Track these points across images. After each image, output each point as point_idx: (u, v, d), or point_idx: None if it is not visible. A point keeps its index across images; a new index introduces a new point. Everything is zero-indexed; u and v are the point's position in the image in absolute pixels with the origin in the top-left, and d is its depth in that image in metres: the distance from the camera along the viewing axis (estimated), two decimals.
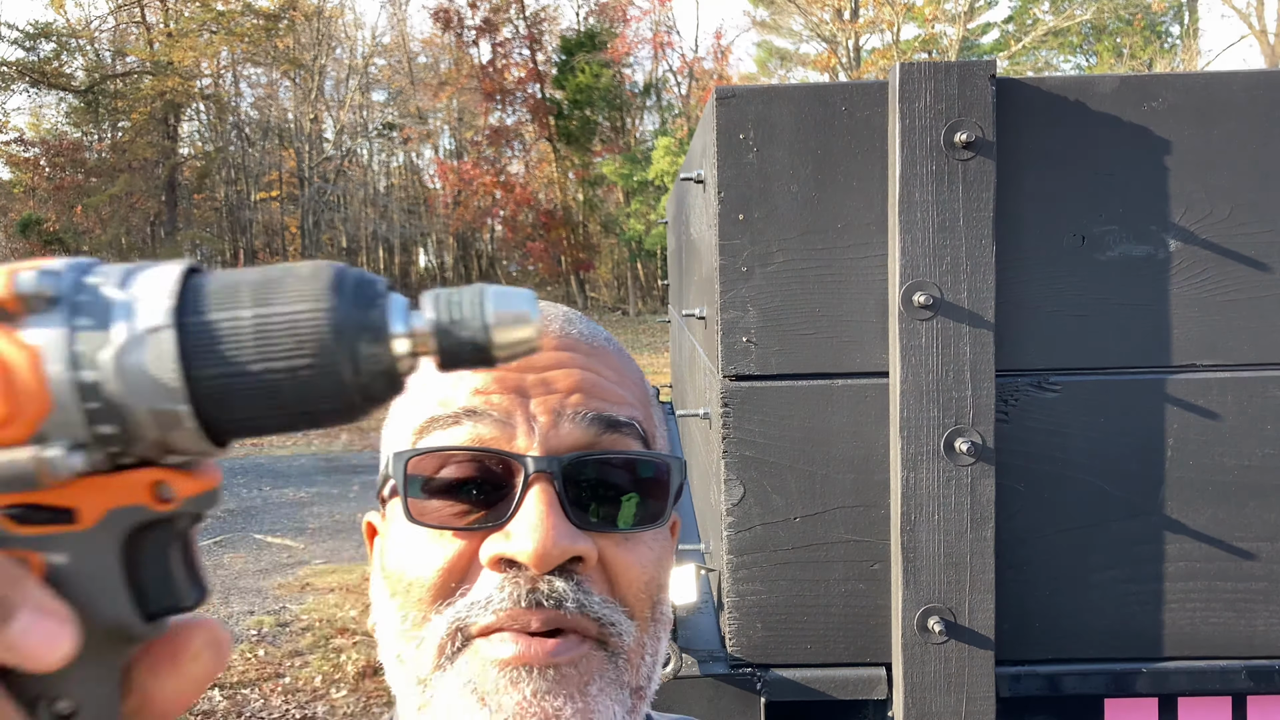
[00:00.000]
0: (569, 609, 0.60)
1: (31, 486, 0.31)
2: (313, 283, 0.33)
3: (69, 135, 32.06)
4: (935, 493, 1.37)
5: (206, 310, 0.32)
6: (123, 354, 0.31)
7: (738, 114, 1.41)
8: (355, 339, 0.32)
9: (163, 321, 0.31)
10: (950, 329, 1.36)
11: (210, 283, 0.33)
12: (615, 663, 0.63)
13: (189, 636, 0.36)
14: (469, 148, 37.99)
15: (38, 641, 0.31)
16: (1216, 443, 1.40)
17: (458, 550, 0.62)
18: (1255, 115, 1.38)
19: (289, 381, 0.32)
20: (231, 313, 0.32)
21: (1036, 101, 1.38)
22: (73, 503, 0.33)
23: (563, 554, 0.60)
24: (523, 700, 0.59)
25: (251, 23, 31.68)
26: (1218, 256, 1.39)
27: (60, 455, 0.31)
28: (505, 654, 0.60)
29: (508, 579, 0.60)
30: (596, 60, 32.82)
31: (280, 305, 0.32)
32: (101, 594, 0.33)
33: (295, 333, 0.32)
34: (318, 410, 0.33)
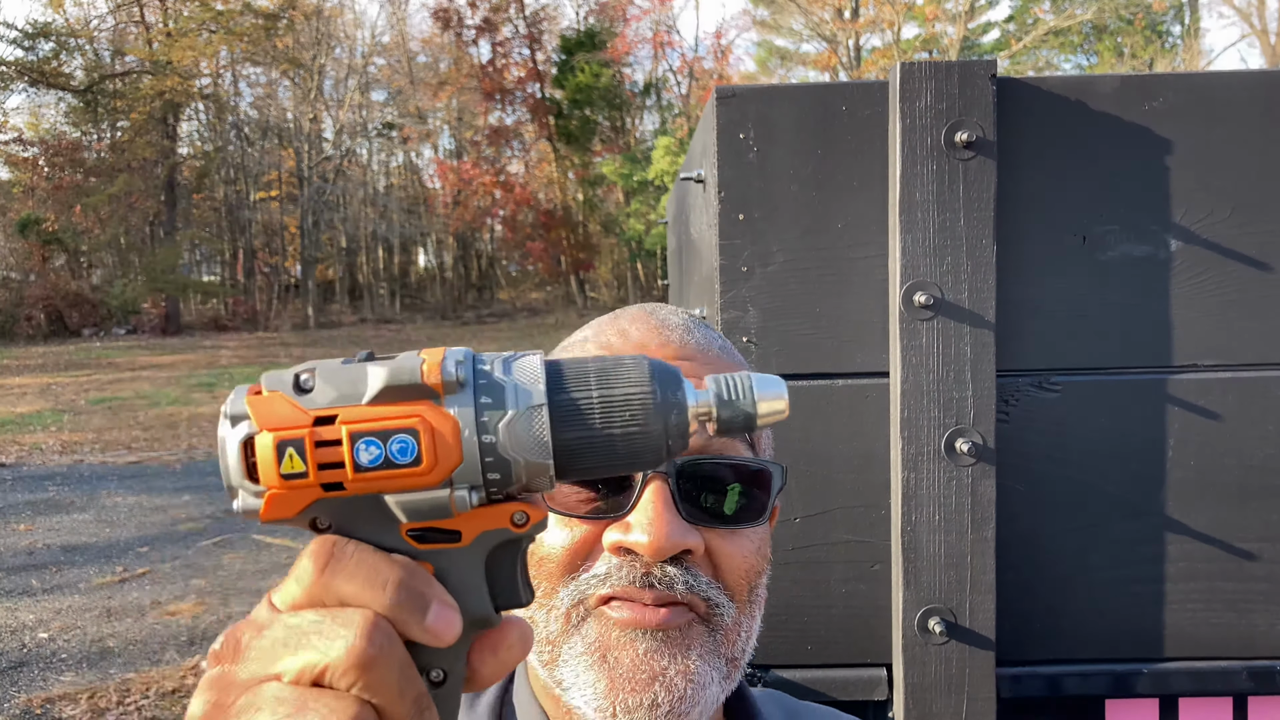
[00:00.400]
0: (679, 591, 0.70)
1: (442, 516, 0.44)
2: (638, 371, 0.47)
3: (68, 135, 32.03)
4: (936, 493, 1.36)
5: (567, 391, 0.45)
6: (513, 423, 0.44)
7: (738, 114, 1.40)
8: (668, 412, 0.47)
9: (541, 401, 0.44)
10: (951, 329, 1.35)
11: (564, 368, 0.46)
12: (714, 636, 0.73)
13: (508, 630, 0.47)
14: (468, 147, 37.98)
15: (443, 626, 0.43)
16: (1217, 443, 1.40)
17: (583, 534, 0.72)
18: (1256, 115, 1.38)
19: (623, 442, 0.46)
20: (584, 393, 0.46)
21: (1037, 101, 1.38)
22: (459, 527, 0.45)
23: (674, 548, 0.70)
24: (636, 657, 0.70)
25: (251, 22, 31.67)
26: (1218, 256, 1.39)
27: (465, 495, 0.44)
28: (623, 616, 0.70)
29: (625, 562, 0.71)
30: (596, 60, 32.81)
31: (619, 388, 0.46)
32: (471, 594, 0.45)
33: (629, 408, 0.46)
34: (637, 462, 0.47)
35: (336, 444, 0.42)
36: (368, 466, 0.42)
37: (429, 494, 0.43)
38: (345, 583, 0.43)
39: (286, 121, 35.22)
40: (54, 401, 14.89)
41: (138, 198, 31.14)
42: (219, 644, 0.44)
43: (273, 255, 36.20)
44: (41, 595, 5.95)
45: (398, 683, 0.42)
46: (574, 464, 0.46)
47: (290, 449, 0.42)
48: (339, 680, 0.41)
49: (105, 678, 4.72)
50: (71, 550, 6.93)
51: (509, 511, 0.46)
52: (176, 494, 8.72)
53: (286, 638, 0.42)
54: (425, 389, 0.43)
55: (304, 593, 0.43)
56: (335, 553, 0.43)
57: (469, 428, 0.43)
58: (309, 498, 0.43)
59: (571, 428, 0.45)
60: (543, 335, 26.83)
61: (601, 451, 0.46)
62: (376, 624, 0.41)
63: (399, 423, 0.42)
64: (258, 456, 0.42)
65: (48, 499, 8.56)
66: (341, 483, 0.43)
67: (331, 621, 0.42)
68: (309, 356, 21.74)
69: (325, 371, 0.44)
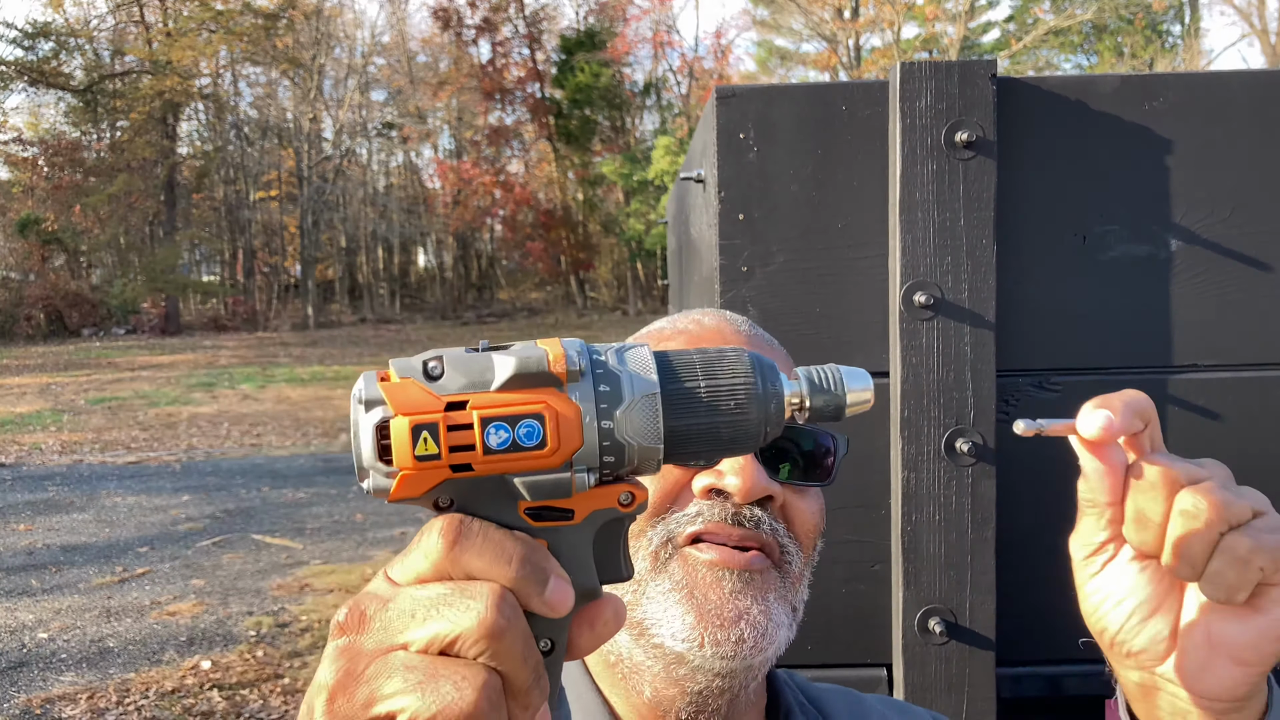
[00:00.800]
0: (764, 530, 0.78)
1: (562, 496, 0.47)
2: (741, 363, 0.51)
3: (67, 135, 32.02)
4: (936, 493, 1.36)
5: (677, 381, 0.49)
6: (629, 410, 0.47)
7: (738, 113, 1.40)
8: (768, 401, 0.51)
9: (655, 390, 0.48)
10: (951, 329, 1.35)
11: (672, 359, 0.50)
12: (785, 582, 0.80)
13: (604, 605, 0.50)
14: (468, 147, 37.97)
15: (559, 598, 0.46)
16: (1218, 443, 1.40)
17: (674, 479, 0.80)
18: (1256, 115, 1.38)
19: (727, 429, 0.50)
20: (693, 382, 0.49)
21: (1037, 101, 1.38)
22: (572, 506, 0.48)
23: (761, 491, 0.78)
24: (722, 595, 0.76)
25: (250, 22, 31.66)
26: (1218, 256, 1.39)
27: (584, 477, 0.47)
28: (711, 556, 0.77)
29: (716, 503, 0.78)
30: (596, 60, 32.80)
31: (724, 378, 0.50)
32: (580, 569, 0.49)
33: (734, 396, 0.50)
34: (737, 448, 0.51)
35: (468, 428, 0.45)
36: (496, 449, 0.45)
37: (552, 475, 0.47)
38: (474, 558, 0.45)
39: (286, 121, 35.21)
40: (54, 401, 14.89)
41: (137, 197, 31.13)
42: (343, 616, 0.47)
43: (272, 255, 36.20)
44: (41, 595, 5.95)
45: (522, 651, 0.45)
46: (681, 449, 0.50)
47: (425, 432, 0.45)
48: (469, 649, 0.44)
49: (105, 678, 4.72)
50: (71, 550, 6.93)
51: (617, 492, 0.49)
52: (176, 494, 8.72)
53: (414, 609, 0.45)
54: (550, 377, 0.46)
55: (432, 567, 0.46)
56: (463, 530, 0.46)
57: (590, 414, 0.47)
58: (438, 478, 0.46)
59: (682, 415, 0.49)
60: (542, 335, 26.77)
61: (707, 437, 0.50)
62: (504, 596, 0.44)
63: (526, 408, 0.46)
64: (392, 439, 0.45)
65: (47, 499, 8.56)
66: (470, 464, 0.46)
67: (461, 594, 0.44)
68: (309, 356, 21.74)
69: (452, 360, 0.47)
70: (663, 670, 0.78)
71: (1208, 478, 0.61)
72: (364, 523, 7.62)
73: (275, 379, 17.63)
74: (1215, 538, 0.58)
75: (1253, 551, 0.57)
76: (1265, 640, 0.60)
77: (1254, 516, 0.59)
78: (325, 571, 6.32)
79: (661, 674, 0.79)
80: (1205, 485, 0.60)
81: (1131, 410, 0.63)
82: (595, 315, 33.22)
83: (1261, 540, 0.57)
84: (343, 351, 23.06)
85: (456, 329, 30.12)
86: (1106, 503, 0.64)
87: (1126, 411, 0.63)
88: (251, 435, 12.00)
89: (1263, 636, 0.60)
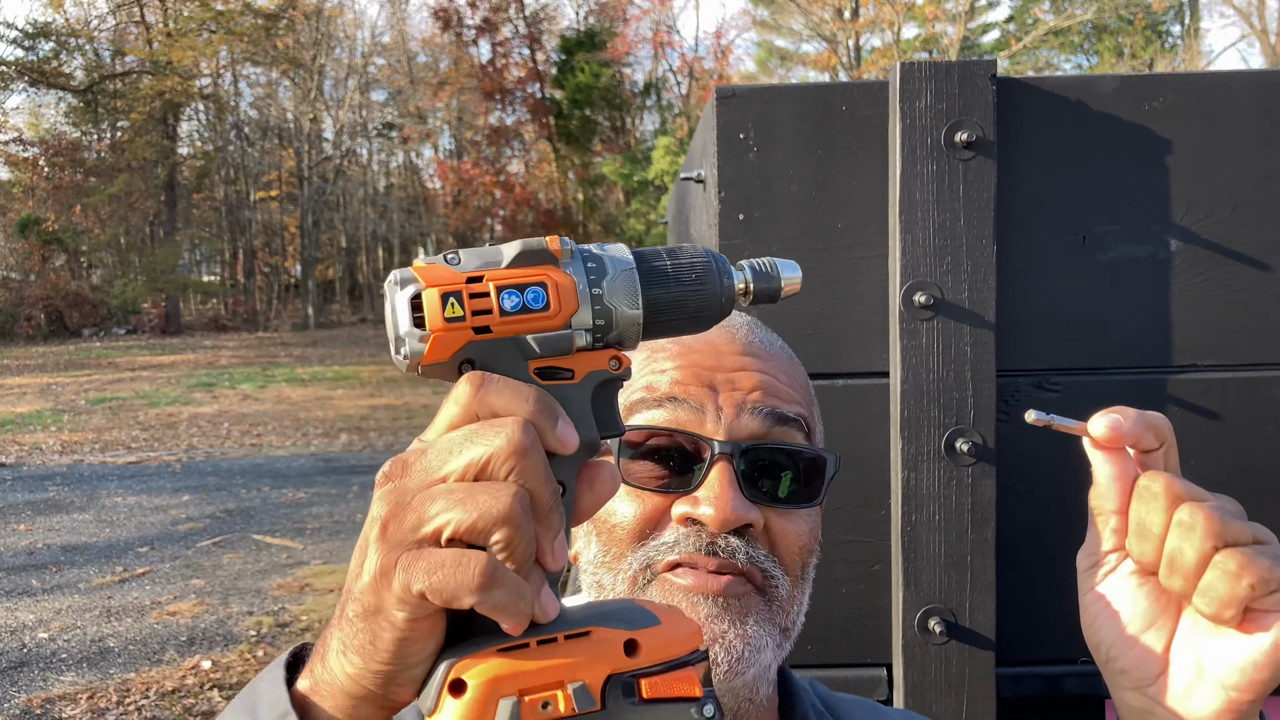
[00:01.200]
0: (740, 560, 0.78)
1: (565, 353, 0.55)
2: (697, 250, 0.60)
3: (68, 135, 32.02)
4: (936, 493, 1.36)
5: (648, 260, 0.59)
6: (613, 281, 0.57)
7: (738, 114, 1.40)
8: (721, 277, 0.60)
9: (632, 265, 0.58)
10: (951, 329, 1.35)
11: (644, 249, 0.59)
12: (770, 606, 0.80)
13: (601, 468, 0.57)
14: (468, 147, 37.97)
15: (569, 434, 0.53)
16: (1217, 443, 1.40)
17: (654, 505, 0.80)
18: (1256, 115, 1.38)
19: (694, 298, 0.59)
20: (661, 261, 0.59)
21: (1037, 101, 1.38)
22: (572, 366, 0.56)
23: (738, 520, 0.77)
24: (697, 619, 0.76)
25: (251, 22, 31.65)
26: (1218, 256, 1.39)
27: (583, 335, 0.56)
28: (687, 582, 0.77)
29: (692, 532, 0.78)
30: (596, 60, 32.79)
31: (685, 259, 0.59)
32: (582, 421, 0.56)
33: (694, 270, 0.59)
34: (702, 318, 0.60)
35: (486, 295, 0.54)
36: (510, 311, 0.54)
37: (556, 334, 0.55)
38: (496, 397, 0.52)
39: (286, 121, 35.21)
40: (54, 401, 14.89)
41: (138, 197, 31.13)
42: (387, 467, 0.53)
43: (273, 255, 36.19)
44: (41, 595, 5.95)
45: (544, 473, 0.51)
46: (657, 317, 0.58)
47: (451, 298, 0.53)
48: (500, 469, 0.50)
49: (105, 678, 4.72)
50: (71, 550, 6.93)
51: (608, 356, 0.58)
52: (176, 494, 8.72)
53: (450, 446, 0.51)
54: (549, 255, 0.56)
55: (462, 410, 0.52)
56: (485, 378, 0.53)
57: (582, 282, 0.56)
58: (463, 340, 0.53)
59: (654, 286, 0.58)
60: None
61: (677, 306, 0.58)
62: (526, 425, 0.51)
63: (532, 278, 0.55)
64: (425, 306, 0.53)
65: (48, 499, 8.56)
66: (489, 326, 0.54)
67: (490, 426, 0.51)
68: (309, 356, 21.74)
69: (468, 250, 0.56)
70: None
71: (1211, 498, 0.63)
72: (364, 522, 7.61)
73: (275, 379, 17.63)
74: (1209, 551, 0.60)
75: (1244, 567, 0.58)
76: (1253, 666, 0.60)
77: (1254, 543, 0.60)
78: (325, 571, 6.32)
79: None
80: (1207, 503, 0.62)
81: (1145, 423, 0.65)
82: None
83: (1255, 560, 0.59)
84: (343, 351, 23.05)
85: None
86: (1113, 510, 0.65)
87: (1139, 422, 0.65)
88: (251, 435, 12.00)
89: (1251, 662, 0.60)
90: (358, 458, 10.47)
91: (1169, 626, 0.64)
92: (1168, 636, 0.64)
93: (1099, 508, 0.66)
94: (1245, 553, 0.59)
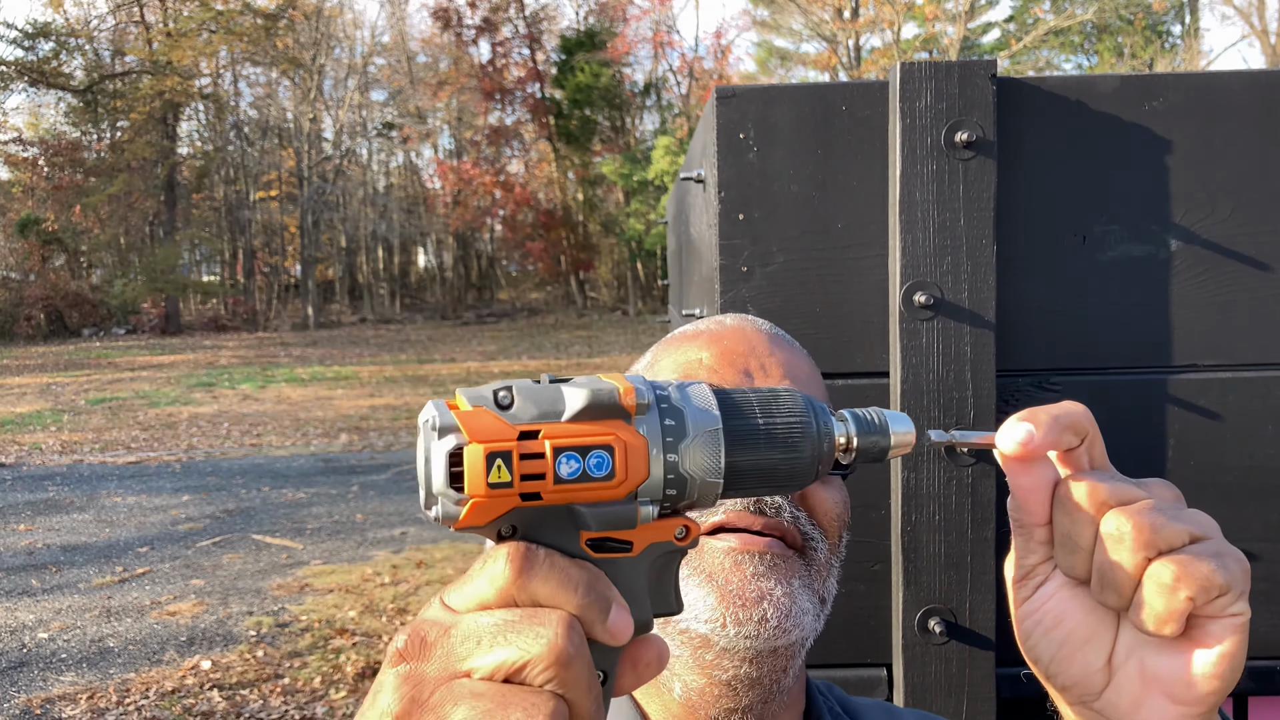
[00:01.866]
0: (785, 518, 0.78)
1: (626, 527, 0.48)
2: (794, 402, 0.53)
3: (68, 135, 32.02)
4: (936, 493, 1.36)
5: (736, 417, 0.51)
6: (693, 444, 0.49)
7: (738, 113, 1.40)
8: (821, 441, 0.53)
9: (718, 425, 0.49)
10: (951, 329, 1.35)
11: (732, 396, 0.52)
12: (810, 570, 0.80)
13: (648, 646, 0.51)
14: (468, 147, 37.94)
15: (621, 627, 0.47)
16: (1218, 443, 1.40)
17: None
18: (1256, 115, 1.38)
19: (784, 465, 0.51)
20: (752, 420, 0.51)
21: (1037, 101, 1.38)
22: (632, 538, 0.49)
23: None
24: (743, 578, 0.75)
25: (250, 22, 31.65)
26: (1219, 256, 1.39)
27: (648, 509, 0.48)
28: (731, 544, 0.76)
29: None
30: (596, 60, 32.78)
31: (781, 416, 0.52)
32: (636, 601, 0.49)
33: (790, 435, 0.51)
34: (789, 485, 0.52)
35: (540, 457, 0.46)
36: (566, 479, 0.46)
37: (618, 506, 0.47)
38: (541, 584, 0.45)
39: (286, 121, 35.20)
40: (54, 401, 14.89)
41: (137, 197, 31.13)
42: (402, 643, 0.46)
43: (272, 255, 36.19)
44: (41, 595, 5.95)
45: (587, 680, 0.45)
46: (738, 483, 0.51)
47: (499, 459, 0.45)
48: (537, 676, 0.44)
49: (105, 678, 4.72)
50: (71, 550, 6.93)
51: (674, 526, 0.50)
52: (176, 494, 8.72)
53: (479, 634, 0.45)
54: (620, 409, 0.47)
55: (498, 593, 0.46)
56: (529, 556, 0.46)
57: (657, 446, 0.48)
58: (507, 506, 0.46)
59: (741, 450, 0.50)
60: (542, 335, 26.82)
61: (764, 472, 0.51)
62: (572, 623, 0.45)
63: (598, 439, 0.47)
64: (466, 466, 0.45)
65: (47, 499, 8.56)
66: (539, 493, 0.46)
67: (530, 620, 0.44)
68: (309, 356, 21.73)
69: (522, 390, 0.47)
70: (690, 657, 0.78)
71: (1141, 498, 0.56)
72: (364, 523, 7.62)
73: (275, 379, 17.63)
74: (1142, 563, 0.54)
75: (1180, 578, 0.53)
76: (1200, 677, 0.55)
77: (1191, 541, 0.55)
78: (325, 571, 6.32)
79: (689, 661, 0.78)
80: (1136, 506, 0.56)
81: (1060, 425, 0.58)
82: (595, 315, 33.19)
83: (1191, 568, 0.53)
84: (343, 351, 23.05)
85: (457, 329, 30.10)
86: (1034, 523, 0.60)
87: (1053, 426, 0.58)
88: (251, 435, 12.00)
89: (1197, 672, 0.55)
90: (357, 458, 10.47)
91: (1109, 638, 0.59)
92: (1109, 649, 0.59)
93: (1019, 520, 0.61)
94: (1181, 560, 0.53)
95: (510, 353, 22.28)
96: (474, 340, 25.76)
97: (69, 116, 31.97)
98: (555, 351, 22.39)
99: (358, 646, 5.06)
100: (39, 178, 30.70)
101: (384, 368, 19.42)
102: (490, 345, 24.37)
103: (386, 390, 16.07)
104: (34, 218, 29.08)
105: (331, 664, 4.84)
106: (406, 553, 6.71)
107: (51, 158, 30.84)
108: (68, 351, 22.94)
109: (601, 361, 19.84)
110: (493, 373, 18.06)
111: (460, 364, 19.93)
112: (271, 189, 35.39)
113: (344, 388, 16.48)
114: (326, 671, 4.75)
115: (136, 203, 31.18)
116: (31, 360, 20.96)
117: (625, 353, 21.32)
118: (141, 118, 30.58)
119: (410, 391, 15.77)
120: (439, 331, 29.19)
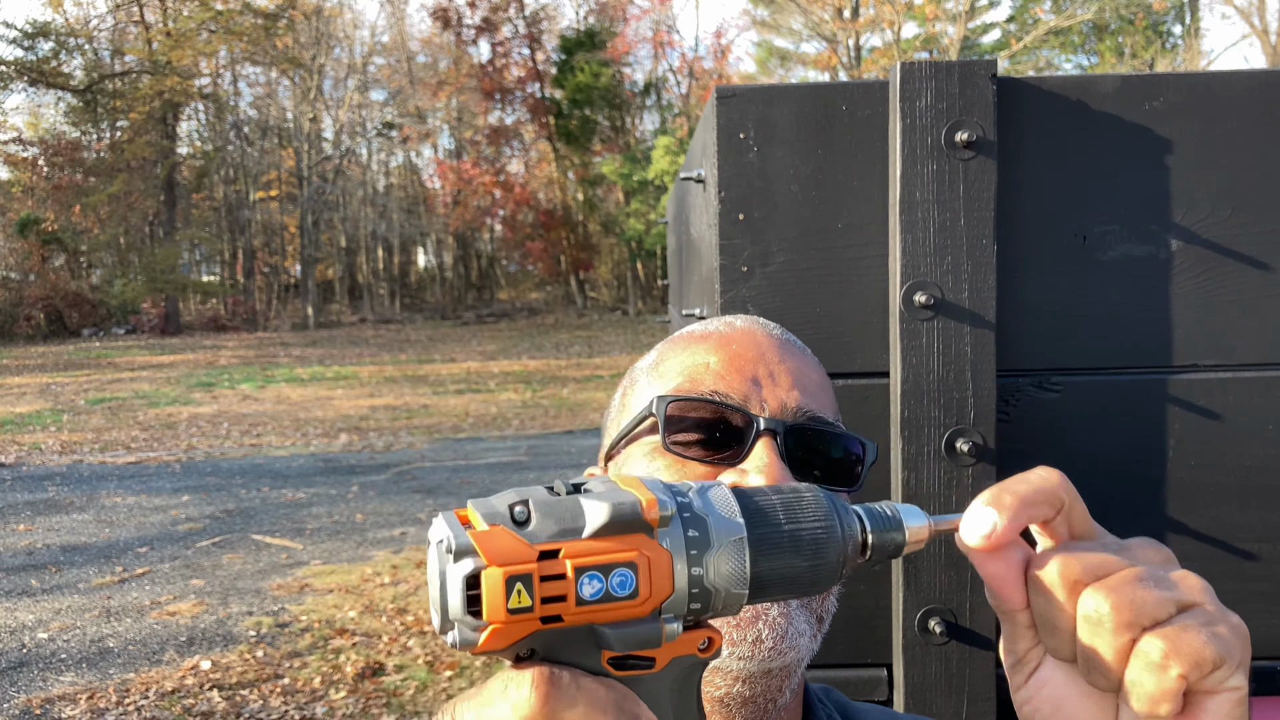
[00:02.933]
0: None
1: (652, 646, 0.46)
2: (819, 506, 0.51)
3: (67, 135, 32.02)
4: (936, 493, 1.36)
5: (761, 524, 0.49)
6: (718, 555, 0.47)
7: (738, 113, 1.40)
8: (845, 544, 0.51)
9: (742, 535, 0.48)
10: (951, 329, 1.35)
11: (753, 500, 0.50)
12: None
13: None
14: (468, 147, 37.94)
15: None
16: (1218, 443, 1.40)
17: (698, 475, 0.80)
18: (1257, 115, 1.38)
19: (808, 573, 0.50)
20: (776, 527, 0.49)
21: (1038, 101, 1.38)
22: (655, 654, 0.47)
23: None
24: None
25: (250, 22, 31.64)
26: (1219, 256, 1.39)
27: (674, 626, 0.46)
28: None
29: None
30: (596, 59, 32.77)
31: (806, 521, 0.50)
32: (660, 716, 0.48)
33: (815, 539, 0.50)
34: (813, 589, 0.51)
35: (561, 578, 0.44)
36: (589, 600, 0.44)
37: (641, 625, 0.46)
38: (567, 710, 0.44)
39: (286, 121, 35.20)
40: (53, 401, 14.88)
41: (137, 197, 31.13)
42: None
43: (272, 255, 36.20)
44: (41, 595, 5.95)
45: None
46: (763, 591, 0.49)
47: (519, 584, 0.43)
48: None
49: (105, 678, 4.72)
50: (71, 550, 6.93)
51: (698, 639, 0.49)
52: (176, 494, 8.72)
53: None
54: (643, 523, 0.45)
55: None
56: (554, 681, 0.44)
57: (681, 561, 0.46)
58: (527, 630, 0.44)
59: (767, 559, 0.48)
60: (542, 335, 26.82)
61: (790, 579, 0.50)
62: None
63: (620, 557, 0.45)
64: (484, 591, 0.43)
65: (47, 499, 8.56)
66: (560, 615, 0.44)
67: None
68: (309, 356, 21.72)
69: (539, 504, 0.45)
70: None
71: (1121, 568, 0.52)
72: (364, 523, 7.62)
73: (275, 379, 17.63)
74: (1127, 644, 0.50)
75: (1169, 655, 0.49)
76: None
77: (1179, 610, 0.51)
78: (325, 571, 6.32)
79: None
80: (1114, 581, 0.51)
81: (1029, 505, 0.53)
82: (595, 315, 33.19)
83: (1181, 643, 0.50)
84: (342, 351, 23.05)
85: (456, 329, 30.10)
86: (1014, 609, 0.56)
87: (1021, 509, 0.53)
88: (251, 435, 12.00)
89: None
90: (357, 458, 10.47)
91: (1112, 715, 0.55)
92: None
93: (998, 608, 0.56)
94: (1169, 635, 0.50)
95: (510, 353, 22.28)
96: (474, 340, 25.76)
97: (69, 116, 31.97)
98: (555, 352, 22.39)
99: (357, 647, 5.06)
100: (39, 178, 30.70)
101: (384, 368, 19.41)
102: (490, 345, 24.38)
103: (386, 390, 16.07)
104: (34, 218, 29.08)
105: (331, 664, 4.84)
106: (406, 553, 6.71)
107: (51, 158, 30.84)
108: (67, 351, 22.95)
109: (601, 361, 19.84)
110: (492, 372, 18.07)
111: (460, 364, 19.93)
112: (271, 189, 35.39)
113: (344, 388, 16.48)
114: (326, 672, 4.75)
115: (136, 203, 31.18)
116: (31, 360, 20.96)
117: (625, 353, 21.32)
118: (141, 118, 30.58)
119: (410, 392, 15.77)
120: (439, 331, 29.19)
